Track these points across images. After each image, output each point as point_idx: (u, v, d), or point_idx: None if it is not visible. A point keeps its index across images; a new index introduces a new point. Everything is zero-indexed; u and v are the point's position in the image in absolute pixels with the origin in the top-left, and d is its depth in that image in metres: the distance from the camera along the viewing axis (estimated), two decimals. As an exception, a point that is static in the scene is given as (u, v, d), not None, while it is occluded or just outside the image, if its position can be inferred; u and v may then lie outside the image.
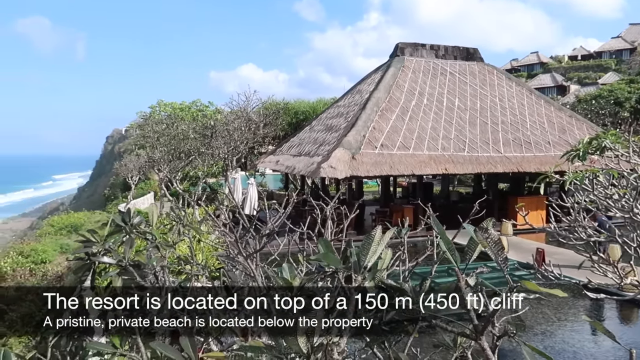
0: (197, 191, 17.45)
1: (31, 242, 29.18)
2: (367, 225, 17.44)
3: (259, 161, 23.10)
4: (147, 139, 27.58)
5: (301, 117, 29.05)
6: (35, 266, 22.98)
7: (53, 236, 30.95)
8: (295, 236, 4.30)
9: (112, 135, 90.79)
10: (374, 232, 1.55)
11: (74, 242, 26.83)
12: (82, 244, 3.17)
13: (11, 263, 23.21)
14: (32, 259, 23.76)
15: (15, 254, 24.94)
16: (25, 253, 24.48)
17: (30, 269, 22.65)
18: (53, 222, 35.81)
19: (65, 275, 21.68)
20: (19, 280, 21.90)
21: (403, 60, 20.53)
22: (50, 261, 23.67)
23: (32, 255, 24.05)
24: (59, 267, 23.09)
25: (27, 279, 21.90)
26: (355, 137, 16.02)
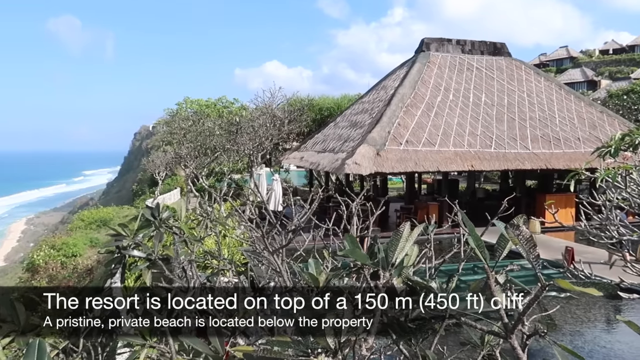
0: (222, 187, 17.61)
1: (62, 236, 30.05)
2: (392, 222, 17.35)
3: (283, 157, 23.22)
4: (173, 136, 27.98)
5: (326, 114, 29.05)
6: (66, 259, 23.67)
7: (83, 230, 31.78)
8: (321, 232, 4.31)
9: (139, 131, 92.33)
10: (402, 228, 1.54)
11: (103, 237, 27.58)
12: (113, 237, 3.25)
13: (44, 256, 23.96)
14: (64, 252, 24.47)
15: (47, 247, 25.72)
16: (57, 246, 25.22)
17: (61, 262, 23.34)
18: (83, 217, 36.74)
19: (95, 269, 22.24)
20: (51, 272, 22.58)
21: (428, 56, 20.32)
22: (80, 255, 24.34)
23: (63, 249, 24.76)
24: (89, 261, 23.72)
25: (59, 271, 22.57)
26: (380, 133, 15.94)
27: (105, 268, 15.35)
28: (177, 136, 25.86)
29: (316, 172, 22.89)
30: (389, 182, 25.54)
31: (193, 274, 3.36)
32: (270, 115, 20.50)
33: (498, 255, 1.50)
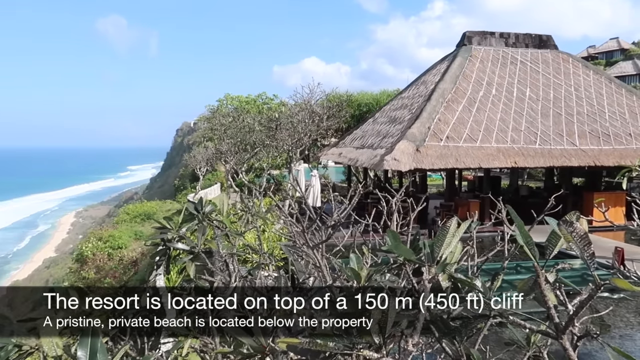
0: (261, 182, 17.83)
1: (109, 229, 31.17)
2: (431, 219, 17.12)
3: (321, 153, 23.26)
4: (214, 132, 28.49)
5: (364, 109, 28.90)
6: (112, 251, 24.56)
7: (128, 223, 32.86)
8: (360, 228, 4.30)
9: (181, 128, 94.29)
10: (449, 223, 1.51)
11: (148, 230, 28.40)
12: (158, 230, 3.34)
13: (92, 248, 24.94)
14: (110, 244, 25.39)
15: (95, 239, 26.76)
16: (104, 239, 26.20)
17: (108, 254, 24.22)
18: (128, 210, 38.01)
19: (140, 261, 22.97)
20: (98, 263, 23.48)
21: (470, 50, 19.87)
22: (125, 247, 25.19)
23: (110, 241, 25.70)
24: (134, 253, 24.52)
25: (106, 263, 23.44)
26: (419, 129, 15.73)
27: (151, 260, 15.83)
28: (217, 132, 26.31)
29: (354, 168, 22.82)
30: (428, 179, 25.18)
31: (234, 268, 3.42)
32: (309, 111, 20.56)
33: (549, 253, 1.45)
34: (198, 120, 69.71)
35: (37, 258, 57.27)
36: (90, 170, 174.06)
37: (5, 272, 54.76)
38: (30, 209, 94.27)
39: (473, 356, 1.59)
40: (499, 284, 2.15)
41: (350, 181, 23.18)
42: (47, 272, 47.75)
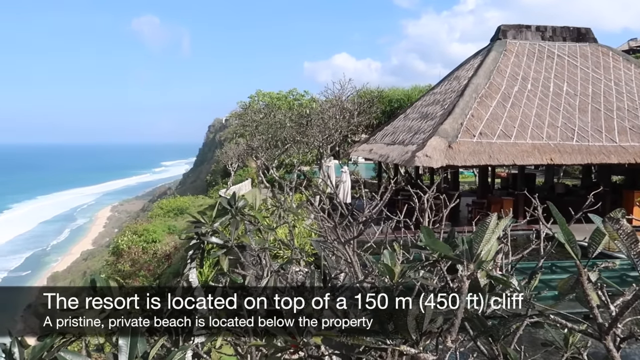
0: (292, 178, 17.93)
1: (143, 223, 31.94)
2: (463, 217, 16.87)
3: (352, 150, 23.20)
4: (246, 128, 28.78)
5: (395, 105, 28.65)
6: (147, 245, 25.17)
7: (162, 218, 33.59)
8: (391, 225, 4.28)
9: (213, 124, 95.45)
10: (489, 219, 1.48)
11: (181, 224, 28.94)
12: (193, 224, 3.40)
13: (127, 241, 25.62)
14: (144, 238, 26.02)
15: (130, 233, 27.47)
16: (139, 232, 26.86)
17: (142, 247, 24.83)
18: (162, 205, 38.83)
19: (173, 255, 23.46)
20: (133, 257, 24.10)
21: (505, 44, 19.44)
22: (159, 241, 25.77)
23: (144, 235, 26.33)
24: (167, 247, 25.05)
25: (140, 256, 24.04)
26: (452, 125, 15.49)
27: (184, 254, 16.15)
28: (249, 128, 26.57)
29: (385, 164, 22.66)
30: (460, 176, 24.80)
31: (266, 262, 3.45)
32: (340, 107, 20.53)
33: (591, 252, 1.41)
34: (230, 116, 70.55)
35: (75, 250, 59.20)
36: (126, 166, 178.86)
37: (46, 264, 56.87)
38: (70, 203, 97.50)
39: (510, 355, 1.56)
40: (536, 282, 2.11)
41: (380, 178, 23.05)
42: (84, 265, 49.31)
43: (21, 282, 50.60)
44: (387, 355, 1.41)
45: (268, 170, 26.80)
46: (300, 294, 2.99)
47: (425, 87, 30.56)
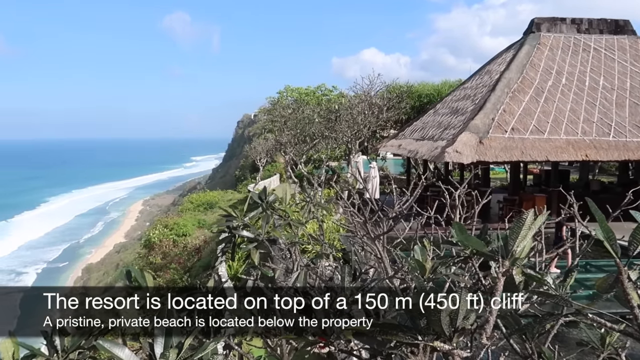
0: (320, 174, 17.96)
1: (174, 217, 32.53)
2: (493, 214, 16.58)
3: (380, 145, 23.07)
4: (274, 123, 28.94)
5: (425, 100, 28.32)
6: (177, 238, 25.64)
7: (192, 212, 34.14)
8: (421, 220, 4.24)
9: (242, 120, 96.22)
10: (525, 215, 1.46)
11: (210, 218, 29.34)
12: (224, 218, 3.45)
13: (158, 234, 26.15)
14: (175, 231, 26.50)
15: (161, 226, 28.03)
16: (170, 226, 27.39)
17: (173, 241, 25.31)
18: (192, 200, 39.48)
19: (203, 248, 23.83)
20: (164, 249, 24.58)
21: (539, 37, 18.96)
22: (190, 234, 26.21)
23: (175, 229, 26.83)
24: (197, 240, 25.45)
25: (171, 249, 24.50)
26: (483, 120, 15.23)
27: (213, 247, 16.40)
28: (278, 124, 26.70)
29: (414, 160, 22.45)
30: (491, 172, 24.37)
31: (296, 257, 3.47)
32: (369, 102, 20.42)
33: (632, 250, 1.37)
34: (258, 112, 70.99)
35: (108, 243, 60.78)
36: (157, 161, 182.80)
37: (81, 256, 58.63)
38: (104, 197, 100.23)
39: (545, 354, 1.53)
40: (572, 281, 2.06)
41: (409, 173, 22.86)
42: (117, 257, 50.58)
43: (59, 272, 52.43)
44: (418, 351, 1.41)
45: (296, 166, 26.92)
46: (330, 289, 2.99)
47: (455, 81, 30.10)
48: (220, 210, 32.75)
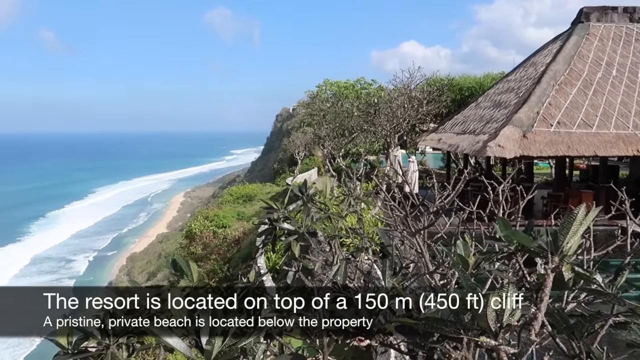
0: (358, 168, 17.95)
1: (214, 209, 33.19)
2: (537, 210, 16.11)
3: (420, 139, 22.77)
4: (313, 117, 29.01)
5: (466, 94, 27.73)
6: (217, 229, 26.18)
7: (231, 204, 34.75)
8: (462, 216, 4.17)
9: (281, 113, 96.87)
10: (577, 210, 1.41)
11: (249, 211, 29.75)
12: (265, 210, 3.50)
13: (199, 226, 26.78)
14: (215, 223, 27.06)
15: (202, 218, 28.68)
16: (210, 218, 27.98)
17: (213, 232, 25.85)
18: (231, 192, 40.17)
19: (242, 240, 24.24)
20: (205, 240, 25.14)
21: (588, 27, 18.20)
22: (229, 226, 26.71)
23: (215, 220, 27.39)
24: (236, 232, 25.91)
25: (211, 240, 25.04)
26: (527, 113, 14.78)
27: (253, 239, 16.65)
28: (316, 117, 26.76)
29: (454, 154, 22.06)
30: (535, 167, 23.67)
31: (336, 249, 3.49)
32: (408, 96, 20.18)
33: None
34: (297, 105, 71.35)
35: (151, 233, 62.69)
36: (199, 154, 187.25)
37: (125, 245, 60.80)
38: (148, 189, 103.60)
39: (593, 354, 1.49)
40: (623, 280, 1.99)
41: (449, 168, 22.49)
42: (159, 247, 52.10)
43: (107, 260, 54.74)
44: (462, 347, 1.39)
45: (334, 159, 26.92)
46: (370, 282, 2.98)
47: (498, 74, 29.34)
48: (259, 203, 33.23)
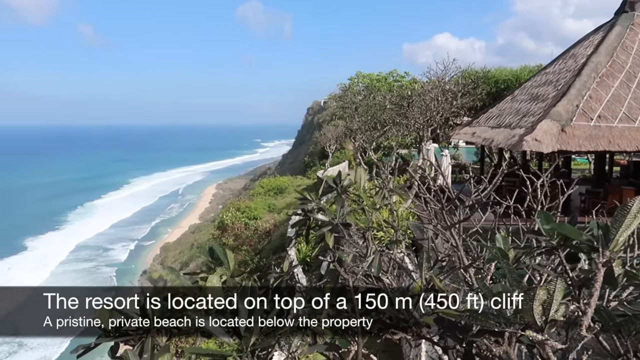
0: (390, 161, 17.75)
1: (245, 200, 33.58)
2: (574, 207, 15.66)
3: (453, 133, 22.41)
4: (345, 110, 28.91)
5: (502, 87, 27.10)
6: (249, 221, 26.48)
7: (262, 196, 35.07)
8: (499, 210, 4.09)
9: (312, 106, 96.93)
10: (632, 202, 1.35)
11: (280, 203, 29.95)
12: (300, 201, 3.51)
13: (231, 217, 27.14)
14: (247, 215, 27.38)
15: (234, 209, 29.06)
16: (242, 209, 28.32)
17: (245, 224, 26.16)
18: (263, 184, 40.53)
19: (272, 232, 24.45)
20: (236, 232, 25.47)
21: (632, 17, 17.47)
22: (260, 218, 26.97)
23: (246, 212, 27.71)
24: (267, 224, 26.16)
25: (243, 231, 25.34)
26: (566, 107, 14.34)
27: (290, 229, 16.76)
28: (348, 110, 26.65)
29: (488, 149, 21.62)
30: (572, 163, 22.98)
31: (370, 241, 3.47)
32: (442, 88, 19.85)
33: None
34: (328, 98, 71.22)
35: (184, 224, 64.01)
36: (231, 146, 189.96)
37: (159, 235, 62.34)
38: (182, 180, 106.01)
39: (641, 353, 1.43)
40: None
41: (483, 162, 22.08)
42: (192, 237, 53.11)
43: (143, 250, 56.46)
44: (503, 341, 1.36)
45: (365, 153, 26.78)
46: (404, 275, 2.96)
47: (535, 67, 28.53)
48: (290, 195, 33.44)
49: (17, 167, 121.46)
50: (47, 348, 34.59)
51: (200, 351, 1.55)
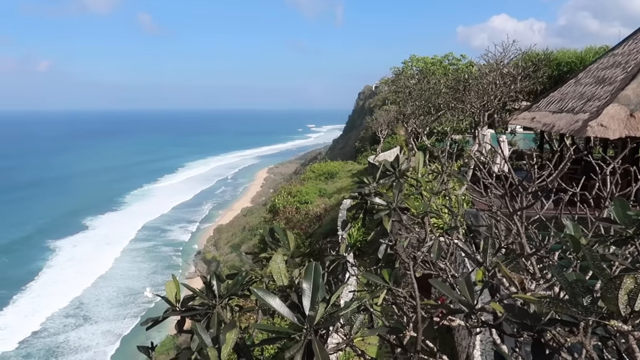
0: (443, 147, 17.38)
1: (296, 185, 33.91)
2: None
3: (510, 118, 21.61)
4: (398, 94, 28.44)
5: (565, 69, 25.78)
6: (300, 205, 26.76)
7: (313, 181, 35.30)
8: (564, 198, 3.92)
9: (363, 91, 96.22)
10: None
11: (330, 187, 30.05)
12: (357, 184, 3.50)
13: (282, 201, 27.53)
14: (298, 199, 27.67)
15: (285, 193, 29.44)
16: (293, 193, 28.65)
17: (296, 208, 26.46)
18: (313, 169, 40.76)
19: (323, 216, 24.61)
20: (288, 215, 25.83)
21: None
22: (311, 202, 27.19)
23: (297, 196, 28.00)
24: (318, 209, 26.34)
25: (294, 215, 25.66)
26: (636, 90, 13.48)
27: (345, 213, 16.82)
28: (402, 94, 26.21)
29: (548, 135, 20.71)
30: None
31: (428, 226, 3.42)
32: (500, 71, 19.12)
33: None
34: (380, 83, 70.33)
35: (236, 207, 65.74)
36: (282, 131, 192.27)
37: (212, 217, 64.37)
38: (235, 164, 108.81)
39: None
40: None
41: (542, 149, 21.21)
42: (244, 220, 54.38)
43: (200, 231, 58.85)
44: (578, 331, 1.31)
45: (418, 138, 26.31)
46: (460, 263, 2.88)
47: (601, 48, 26.92)
48: (341, 180, 33.43)
49: (82, 150, 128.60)
50: (110, 322, 36.69)
51: (267, 328, 1.58)
